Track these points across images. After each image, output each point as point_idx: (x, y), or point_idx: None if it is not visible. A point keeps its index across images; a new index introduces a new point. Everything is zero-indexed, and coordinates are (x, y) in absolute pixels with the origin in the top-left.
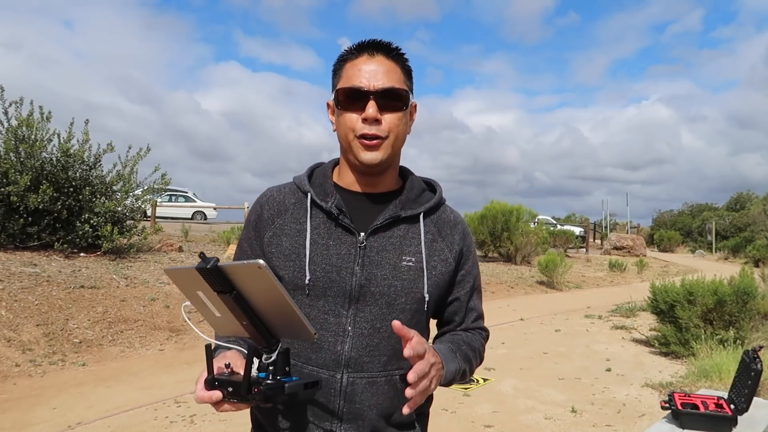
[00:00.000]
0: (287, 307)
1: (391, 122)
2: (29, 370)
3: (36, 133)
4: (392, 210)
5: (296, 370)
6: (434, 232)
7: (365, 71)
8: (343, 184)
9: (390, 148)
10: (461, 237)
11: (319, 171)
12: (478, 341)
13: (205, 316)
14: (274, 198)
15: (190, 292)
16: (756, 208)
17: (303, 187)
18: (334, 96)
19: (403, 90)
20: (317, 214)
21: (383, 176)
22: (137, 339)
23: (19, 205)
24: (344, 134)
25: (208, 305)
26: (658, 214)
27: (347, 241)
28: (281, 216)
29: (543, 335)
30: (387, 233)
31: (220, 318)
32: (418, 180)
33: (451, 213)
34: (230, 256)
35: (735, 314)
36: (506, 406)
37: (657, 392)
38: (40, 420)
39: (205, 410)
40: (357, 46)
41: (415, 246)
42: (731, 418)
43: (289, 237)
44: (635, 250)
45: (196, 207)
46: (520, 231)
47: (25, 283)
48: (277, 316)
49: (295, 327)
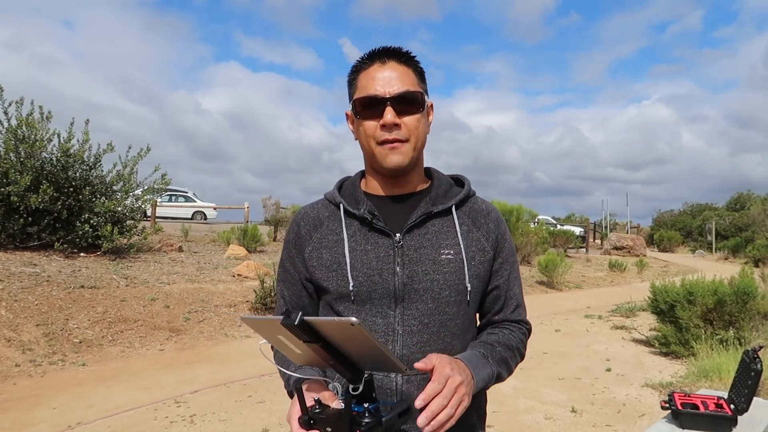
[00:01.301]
0: (378, 352)
1: (410, 125)
2: (29, 370)
3: (36, 133)
4: (424, 207)
5: None
6: (468, 223)
7: (379, 79)
8: (372, 191)
9: (412, 150)
10: (496, 225)
11: (347, 183)
12: (517, 338)
13: (283, 352)
14: (308, 214)
15: (269, 335)
16: (756, 208)
17: (335, 199)
18: (352, 106)
19: (418, 92)
20: (352, 222)
21: (409, 178)
22: (137, 339)
23: (19, 205)
24: (366, 143)
25: (289, 346)
26: (658, 214)
27: (384, 244)
28: (318, 230)
29: (543, 335)
30: (422, 230)
31: (301, 354)
32: (445, 176)
33: (483, 203)
34: (230, 256)
35: (735, 314)
36: (506, 406)
37: (657, 392)
38: (40, 420)
39: (205, 410)
40: (368, 55)
41: (451, 239)
42: (731, 418)
43: (328, 249)
44: (635, 250)
45: (196, 207)
46: (520, 231)
47: (25, 283)
48: (366, 357)
49: (386, 365)
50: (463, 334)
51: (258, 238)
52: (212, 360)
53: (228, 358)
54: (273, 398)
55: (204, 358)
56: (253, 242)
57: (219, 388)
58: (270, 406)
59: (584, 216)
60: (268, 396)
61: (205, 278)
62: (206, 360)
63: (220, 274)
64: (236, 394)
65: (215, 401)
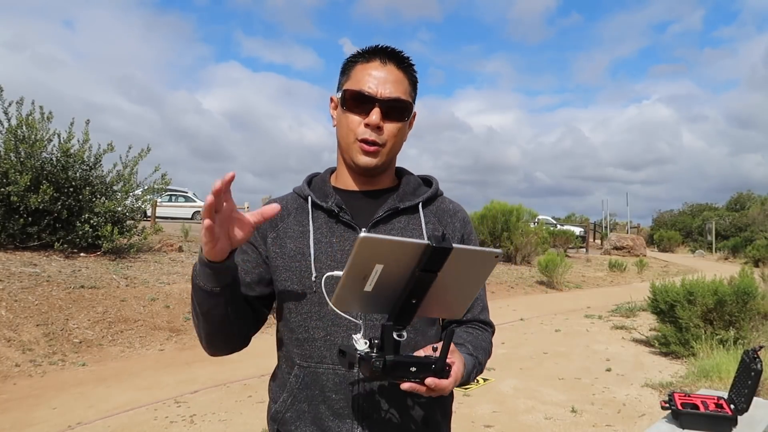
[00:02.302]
0: (476, 289)
1: (392, 131)
2: (29, 370)
3: (36, 133)
4: (391, 203)
5: (310, 372)
6: (434, 221)
7: (375, 77)
8: (341, 185)
9: (386, 155)
10: (462, 224)
11: (317, 178)
12: (488, 340)
13: (345, 288)
14: (276, 203)
15: (364, 262)
16: (755, 209)
17: (303, 192)
18: (341, 95)
19: (408, 101)
20: (319, 215)
21: (380, 177)
22: (137, 339)
23: (19, 205)
24: (345, 135)
25: (370, 279)
26: (658, 214)
27: (350, 237)
28: (284, 220)
29: (543, 335)
30: (388, 225)
31: (364, 294)
32: (414, 176)
33: (450, 203)
34: None
35: (735, 314)
36: (506, 406)
37: (657, 392)
38: (40, 420)
39: (205, 410)
40: (371, 49)
41: (417, 236)
42: (731, 418)
43: (292, 239)
44: (635, 250)
45: (196, 207)
46: (520, 231)
47: (25, 283)
48: (449, 296)
49: (455, 305)
50: (426, 329)
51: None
52: (212, 360)
53: (228, 358)
54: None
55: (204, 358)
56: None
57: (219, 388)
58: None
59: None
60: (268, 396)
61: None
62: (206, 360)
63: None
64: (236, 394)
65: (215, 401)
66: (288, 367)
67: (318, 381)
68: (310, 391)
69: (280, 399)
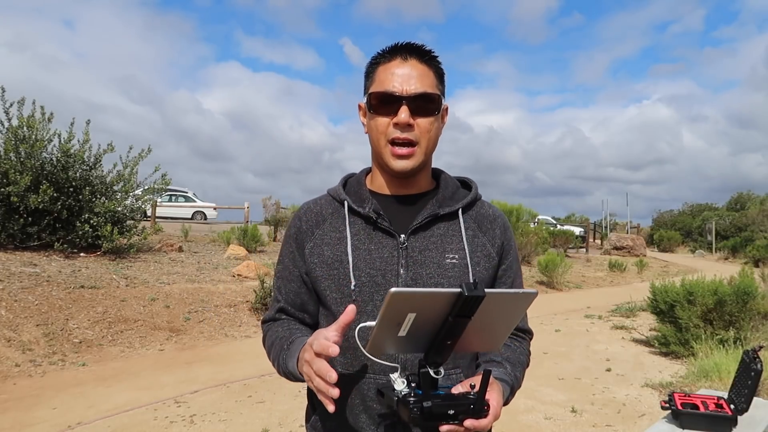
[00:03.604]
0: (512, 325)
1: (424, 127)
2: (29, 370)
3: (36, 133)
4: (430, 209)
5: (351, 380)
6: (474, 228)
7: (398, 75)
8: (377, 189)
9: (422, 154)
10: (502, 231)
11: (352, 180)
12: (526, 351)
13: (378, 337)
14: (312, 209)
15: (396, 314)
16: (754, 209)
17: (339, 196)
18: (367, 99)
19: (436, 95)
20: (356, 220)
21: (416, 178)
22: (137, 339)
23: (19, 205)
24: (376, 139)
25: (403, 326)
26: (658, 214)
27: (389, 244)
28: (320, 226)
29: (543, 335)
30: (427, 232)
31: (398, 339)
32: (452, 178)
33: (490, 208)
34: (230, 256)
35: (735, 314)
36: (506, 406)
37: (657, 392)
38: (40, 420)
39: (205, 410)
40: (390, 48)
41: (457, 243)
42: (731, 418)
43: (330, 246)
44: (635, 250)
45: (196, 207)
46: (520, 231)
47: (25, 283)
48: (485, 333)
49: (492, 342)
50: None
51: (258, 238)
52: (212, 360)
53: (228, 358)
54: (273, 398)
55: (204, 358)
56: (253, 242)
57: (219, 388)
58: (270, 406)
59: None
60: (268, 396)
61: (205, 278)
62: (206, 360)
63: (220, 274)
64: (236, 394)
65: (215, 401)
66: None
67: (359, 390)
68: (351, 401)
69: (320, 407)
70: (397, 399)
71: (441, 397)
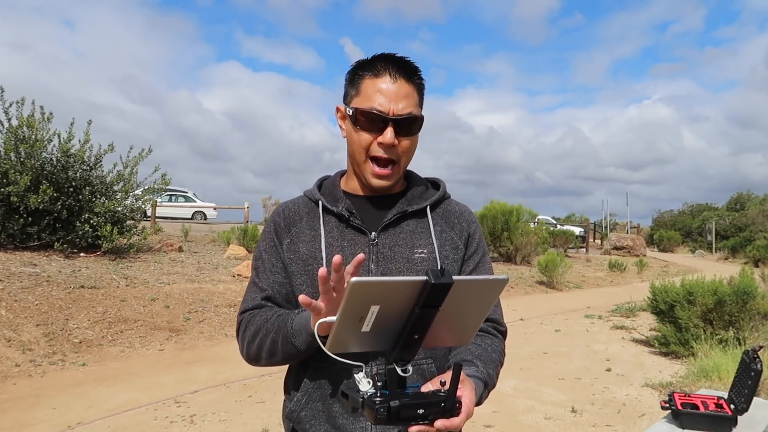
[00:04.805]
0: (483, 315)
1: (405, 146)
2: (29, 370)
3: (36, 134)
4: (399, 207)
5: (324, 372)
6: (442, 224)
7: (386, 94)
8: (351, 190)
9: (400, 172)
10: (468, 224)
11: (327, 182)
12: (496, 349)
13: (340, 332)
14: (289, 208)
15: (358, 306)
16: (754, 209)
17: (314, 196)
18: (352, 114)
19: (420, 116)
20: (329, 219)
21: None
22: (137, 339)
23: (19, 205)
24: (357, 152)
25: (366, 320)
26: (658, 214)
27: (360, 241)
28: (296, 225)
29: (543, 335)
30: (397, 229)
31: (361, 335)
32: (422, 179)
33: (457, 205)
34: (230, 256)
35: (735, 314)
36: (506, 406)
37: (657, 392)
38: (40, 420)
39: (205, 410)
40: (380, 62)
41: (425, 238)
42: (731, 418)
43: (305, 243)
44: (635, 250)
45: (196, 207)
46: (520, 231)
47: (25, 283)
48: (455, 325)
49: (462, 334)
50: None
51: (258, 238)
52: (212, 360)
53: (228, 358)
54: (273, 398)
55: (204, 358)
56: (253, 242)
57: (219, 388)
58: (270, 406)
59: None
60: (268, 396)
61: (205, 278)
62: (206, 360)
63: (220, 274)
64: (236, 394)
65: (215, 401)
66: (302, 367)
67: (332, 380)
68: (324, 391)
69: (294, 398)
70: (362, 400)
71: (409, 396)
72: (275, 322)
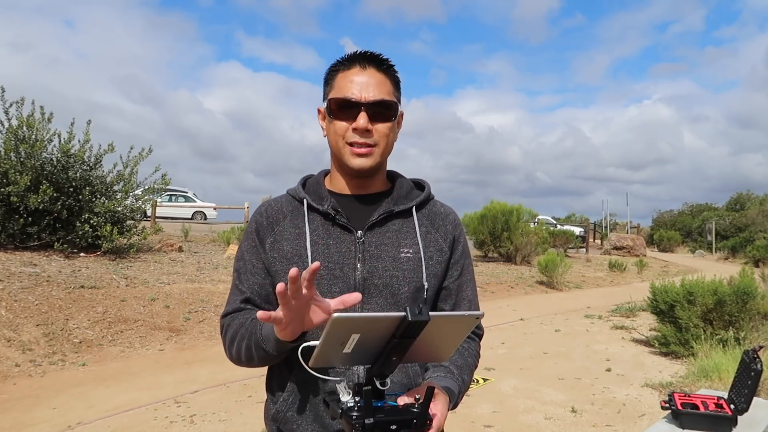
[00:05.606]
0: (459, 339)
1: (382, 131)
2: (29, 370)
3: (36, 134)
4: (386, 206)
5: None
6: (427, 225)
7: (357, 83)
8: (335, 189)
9: (379, 155)
10: (453, 226)
11: (311, 180)
12: (472, 353)
13: (321, 354)
14: (272, 207)
15: (339, 336)
16: (753, 209)
17: (298, 195)
18: (327, 105)
19: (393, 102)
20: (314, 217)
21: (373, 179)
22: (137, 339)
23: (19, 205)
24: (335, 141)
25: (348, 344)
26: (658, 214)
27: (346, 239)
28: (280, 223)
29: (543, 335)
30: (383, 228)
31: (343, 355)
32: (407, 180)
33: (442, 206)
34: (230, 256)
35: (735, 314)
36: (506, 406)
37: (657, 392)
38: (40, 420)
39: (205, 410)
40: (349, 57)
41: (411, 238)
42: (731, 418)
43: (289, 241)
44: (635, 250)
45: (196, 207)
46: (520, 231)
47: (25, 283)
48: (432, 349)
49: (439, 354)
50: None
51: None
52: (212, 360)
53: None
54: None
55: (204, 358)
56: None
57: (219, 388)
58: None
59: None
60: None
61: (205, 278)
62: (206, 360)
63: (220, 274)
64: (236, 394)
65: (215, 401)
66: (287, 367)
67: (317, 380)
68: (310, 390)
69: (280, 399)
70: (341, 411)
71: (384, 411)
72: (249, 328)
